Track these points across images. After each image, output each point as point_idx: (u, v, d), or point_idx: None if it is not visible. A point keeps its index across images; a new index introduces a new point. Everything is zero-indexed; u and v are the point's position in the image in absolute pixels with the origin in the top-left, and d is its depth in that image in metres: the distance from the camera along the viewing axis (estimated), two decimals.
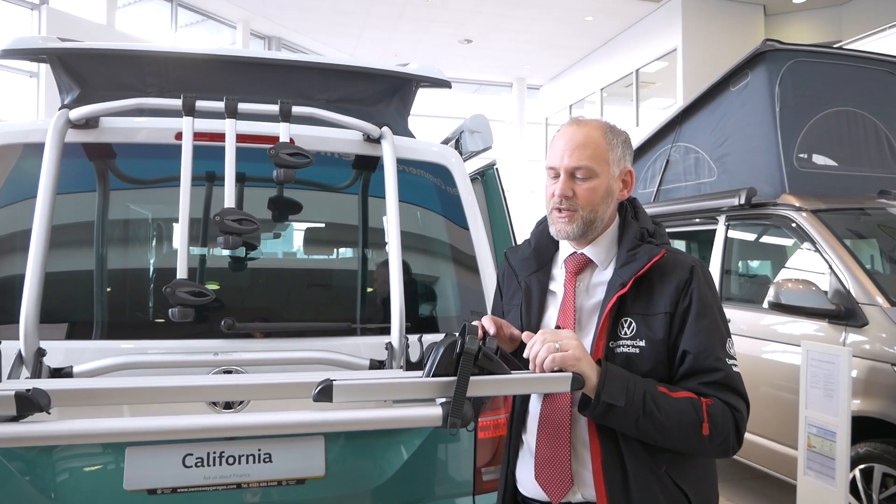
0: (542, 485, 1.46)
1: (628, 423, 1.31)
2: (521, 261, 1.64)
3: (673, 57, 13.22)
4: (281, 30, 14.93)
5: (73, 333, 1.90)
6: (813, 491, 3.12)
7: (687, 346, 1.37)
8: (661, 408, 1.30)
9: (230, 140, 1.82)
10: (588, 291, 1.50)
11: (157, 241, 2.19)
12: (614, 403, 1.27)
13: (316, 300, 2.22)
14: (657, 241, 1.48)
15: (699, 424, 1.31)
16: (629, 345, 1.39)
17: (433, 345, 1.54)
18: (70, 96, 2.27)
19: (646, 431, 1.31)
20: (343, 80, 2.41)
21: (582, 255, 1.52)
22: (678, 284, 1.40)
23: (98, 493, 1.78)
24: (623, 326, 1.41)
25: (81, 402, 1.16)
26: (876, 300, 3.33)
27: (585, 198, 1.45)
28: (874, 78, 4.79)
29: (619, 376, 1.31)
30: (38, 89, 10.07)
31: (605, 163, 1.46)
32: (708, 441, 1.32)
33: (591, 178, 1.45)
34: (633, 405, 1.28)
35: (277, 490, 1.87)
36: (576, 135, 1.47)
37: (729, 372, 1.37)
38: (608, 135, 1.48)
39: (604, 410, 1.29)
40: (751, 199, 4.29)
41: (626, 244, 1.48)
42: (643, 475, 1.36)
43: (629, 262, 1.43)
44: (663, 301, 1.40)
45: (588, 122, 1.50)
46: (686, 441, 1.33)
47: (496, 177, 2.80)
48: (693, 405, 1.33)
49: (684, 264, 1.43)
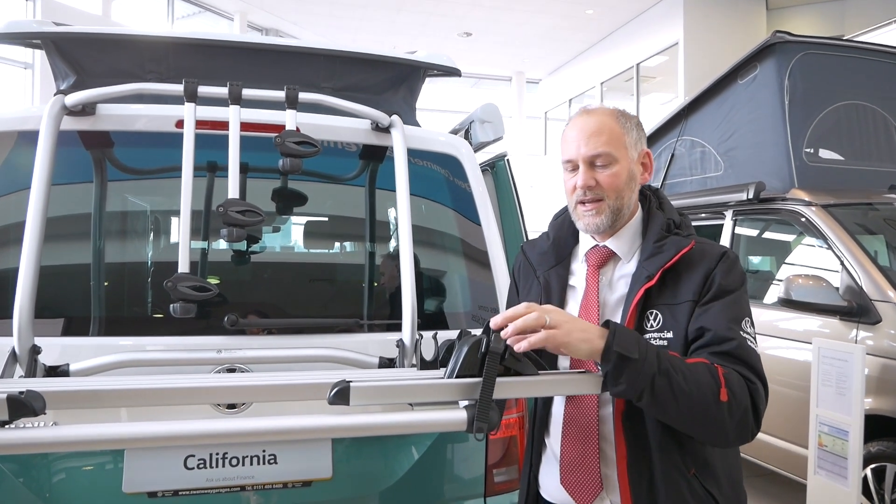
0: (569, 489, 1.39)
1: (644, 382, 1.18)
2: (539, 255, 1.57)
3: (674, 51, 13.14)
4: (279, 21, 14.80)
5: (69, 329, 1.82)
6: (824, 490, 3.07)
7: (704, 323, 1.30)
8: (677, 367, 1.21)
9: (234, 127, 1.73)
10: (611, 285, 1.44)
11: (156, 233, 2.11)
12: (628, 355, 1.17)
13: (322, 295, 2.15)
14: (684, 233, 1.42)
15: (717, 389, 1.20)
16: (657, 337, 1.33)
17: (447, 342, 1.47)
18: (66, 83, 2.19)
19: (662, 394, 1.19)
20: (349, 68, 2.33)
21: (605, 248, 1.46)
22: (706, 273, 1.34)
23: (95, 497, 1.71)
24: (649, 319, 1.35)
25: (79, 404, 1.08)
26: (889, 297, 3.27)
27: (610, 185, 1.39)
28: (884, 71, 4.72)
29: (629, 332, 1.23)
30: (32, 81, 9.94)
31: (623, 147, 1.41)
32: (727, 412, 1.21)
33: (612, 164, 1.39)
34: (648, 360, 1.18)
35: (283, 493, 1.80)
36: (588, 123, 1.42)
37: (742, 343, 1.28)
38: (620, 119, 1.44)
39: (617, 363, 1.18)
40: (759, 193, 4.23)
41: (651, 235, 1.41)
42: (671, 478, 1.30)
43: (656, 253, 1.37)
44: (689, 290, 1.34)
45: (598, 110, 1.45)
46: (703, 410, 1.21)
47: (507, 168, 2.73)
48: (708, 369, 1.23)
49: (713, 254, 1.37)
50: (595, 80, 16.11)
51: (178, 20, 13.19)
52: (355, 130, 2.08)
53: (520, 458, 2.03)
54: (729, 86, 4.91)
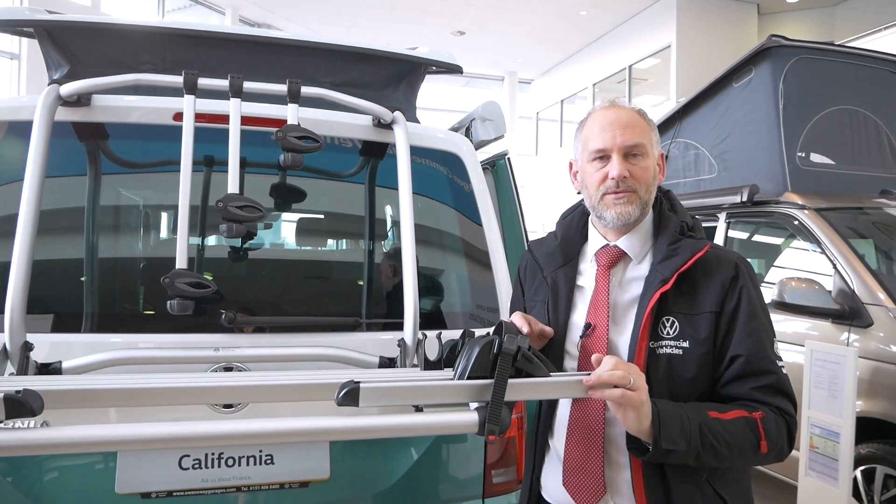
0: (571, 491, 1.37)
1: (688, 460, 1.24)
2: (546, 255, 1.55)
3: (666, 54, 13.19)
4: (271, 17, 14.70)
5: (60, 326, 1.78)
6: (814, 492, 3.08)
7: (739, 350, 1.30)
8: (719, 437, 1.24)
9: (234, 121, 1.70)
10: (622, 286, 1.41)
11: (153, 228, 2.07)
12: (675, 449, 1.20)
13: (320, 294, 2.12)
14: (698, 236, 1.41)
15: (757, 444, 1.26)
16: (672, 345, 1.31)
17: (450, 342, 1.44)
18: (59, 73, 2.13)
19: (706, 462, 1.26)
20: (350, 63, 2.29)
21: (615, 248, 1.43)
22: (724, 283, 1.33)
23: (88, 497, 1.67)
24: (665, 326, 1.33)
25: (78, 404, 1.04)
26: (881, 300, 3.29)
27: (642, 177, 1.38)
28: (877, 77, 4.76)
29: (673, 415, 1.23)
30: (19, 72, 9.79)
31: (651, 143, 1.41)
32: (764, 456, 1.28)
33: (646, 157, 1.39)
34: (692, 443, 1.21)
35: (280, 494, 1.77)
36: (620, 115, 1.40)
37: (780, 376, 1.32)
38: (645, 117, 1.44)
39: (663, 455, 1.22)
40: (753, 196, 4.24)
41: (665, 237, 1.39)
42: (685, 484, 1.30)
43: (670, 256, 1.35)
44: (709, 300, 1.32)
45: (624, 106, 1.44)
46: (744, 460, 1.29)
47: (507, 167, 2.70)
48: (749, 425, 1.27)
49: (728, 261, 1.36)
50: (587, 81, 16.14)
51: (168, 13, 13.05)
52: (356, 126, 2.05)
53: (518, 459, 2.01)
54: (724, 89, 4.92)
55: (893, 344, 3.16)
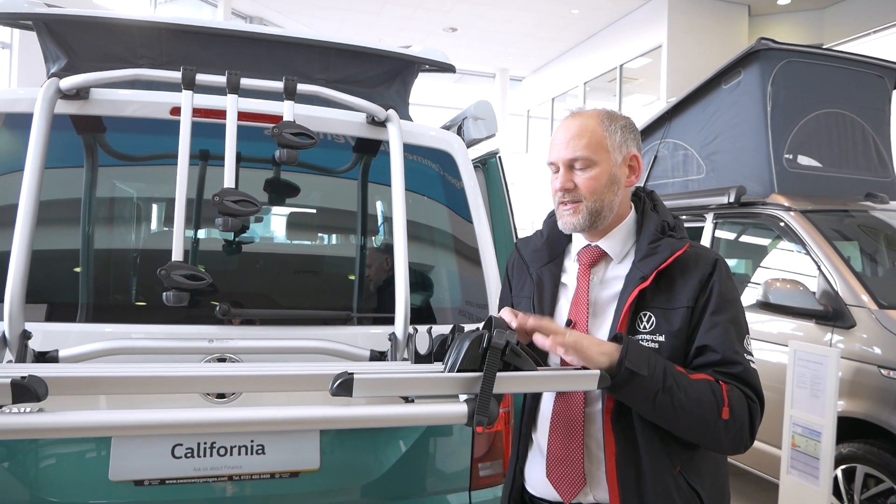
0: (554, 484, 1.42)
1: (646, 397, 1.26)
2: (532, 252, 1.60)
3: (657, 53, 13.25)
4: (263, 10, 14.63)
5: (56, 315, 1.80)
6: (795, 490, 3.14)
7: (705, 340, 1.34)
8: (681, 385, 1.27)
9: (231, 117, 1.73)
10: (602, 284, 1.47)
11: (148, 221, 2.09)
12: (637, 371, 1.23)
13: (313, 287, 2.15)
14: (678, 235, 1.45)
15: (719, 407, 1.28)
16: (648, 339, 1.36)
17: (440, 337, 1.48)
18: (56, 66, 2.15)
19: (662, 409, 1.27)
20: (344, 60, 2.32)
21: (596, 248, 1.48)
22: (701, 279, 1.37)
23: (81, 484, 1.70)
24: (642, 321, 1.38)
25: (81, 390, 1.07)
26: (864, 302, 3.35)
27: (587, 187, 1.42)
28: (864, 81, 4.82)
29: (641, 348, 1.28)
30: (10, 61, 9.71)
31: (604, 150, 1.43)
32: (724, 427, 1.29)
33: (591, 167, 1.42)
34: (654, 377, 1.25)
35: (270, 483, 1.81)
36: (570, 126, 1.45)
37: (747, 367, 1.34)
38: (605, 121, 1.45)
39: (625, 378, 1.24)
40: (740, 197, 4.30)
41: (646, 237, 1.44)
42: (658, 475, 1.33)
43: (650, 254, 1.40)
44: (685, 295, 1.36)
45: (583, 113, 1.48)
46: (702, 425, 1.29)
47: (498, 166, 2.74)
48: (712, 388, 1.29)
49: (706, 259, 1.40)
50: (578, 79, 16.18)
51: (160, 4, 12.96)
52: (350, 123, 2.08)
53: (505, 453, 2.05)
54: (713, 90, 4.97)
55: (876, 345, 3.22)
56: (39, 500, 1.67)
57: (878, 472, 3.11)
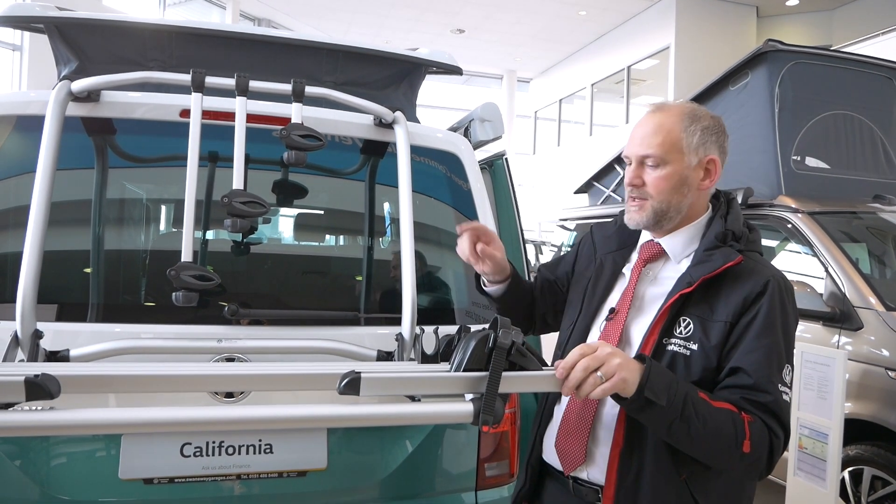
0: (559, 453, 1.45)
1: (662, 424, 1.23)
2: (603, 237, 1.62)
3: (665, 55, 13.24)
4: (271, 12, 14.71)
5: (66, 315, 1.82)
6: (802, 492, 3.13)
7: (740, 363, 1.28)
8: (700, 415, 1.22)
9: (240, 119, 1.75)
10: (655, 281, 1.46)
11: (158, 222, 2.11)
12: (655, 401, 1.19)
13: (321, 288, 2.16)
14: (740, 246, 1.39)
15: (739, 441, 1.22)
16: (682, 344, 1.34)
17: (447, 337, 1.49)
18: (68, 68, 2.18)
19: (677, 436, 1.23)
20: (351, 63, 2.33)
21: (656, 245, 1.48)
22: (746, 296, 1.32)
23: (92, 482, 1.72)
24: (680, 325, 1.35)
25: (92, 389, 1.09)
26: (871, 304, 3.35)
27: (655, 186, 1.40)
28: (872, 83, 4.80)
29: (664, 374, 1.24)
30: (21, 63, 9.79)
31: (678, 151, 1.39)
32: (740, 458, 1.24)
33: (661, 167, 1.39)
34: (673, 406, 1.20)
35: (278, 482, 1.82)
36: (649, 122, 1.43)
37: (778, 398, 1.27)
38: (685, 120, 1.40)
39: (641, 405, 1.21)
40: (747, 199, 4.28)
41: (704, 243, 1.41)
42: (659, 477, 1.32)
43: (703, 262, 1.37)
44: (726, 310, 1.33)
45: (666, 108, 1.44)
46: (717, 454, 1.25)
47: (505, 167, 2.75)
48: (733, 419, 1.24)
49: (760, 276, 1.34)
50: (586, 81, 16.18)
51: (169, 7, 13.05)
52: (358, 125, 2.09)
53: (511, 453, 2.06)
54: (720, 92, 4.95)
55: (883, 347, 3.21)
56: (50, 498, 1.69)
57: (886, 475, 3.10)
